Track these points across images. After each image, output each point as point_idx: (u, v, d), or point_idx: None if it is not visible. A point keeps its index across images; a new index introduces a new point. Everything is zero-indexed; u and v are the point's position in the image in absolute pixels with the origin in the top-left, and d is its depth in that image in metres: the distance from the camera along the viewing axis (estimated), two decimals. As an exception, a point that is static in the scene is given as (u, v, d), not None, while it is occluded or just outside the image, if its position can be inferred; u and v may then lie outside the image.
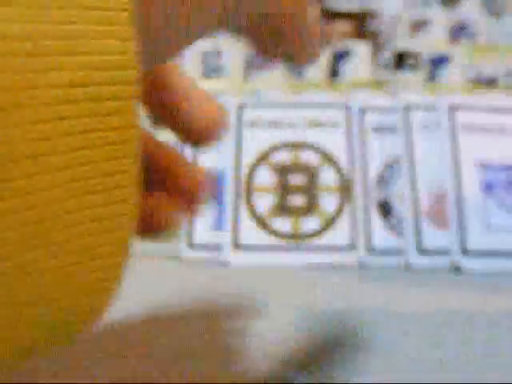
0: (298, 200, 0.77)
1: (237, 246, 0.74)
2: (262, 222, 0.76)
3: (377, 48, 1.08)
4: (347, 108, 0.81)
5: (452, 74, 1.02)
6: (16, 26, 0.12)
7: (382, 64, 1.05)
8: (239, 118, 0.80)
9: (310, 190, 0.77)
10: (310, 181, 0.78)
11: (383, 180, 0.78)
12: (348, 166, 0.78)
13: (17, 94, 0.12)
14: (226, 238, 0.75)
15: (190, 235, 0.77)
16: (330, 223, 0.76)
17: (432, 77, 1.03)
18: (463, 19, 1.11)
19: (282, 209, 0.77)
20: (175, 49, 0.21)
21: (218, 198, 0.78)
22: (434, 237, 0.74)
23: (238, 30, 0.23)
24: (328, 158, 0.79)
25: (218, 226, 0.78)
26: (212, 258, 0.76)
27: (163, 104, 0.28)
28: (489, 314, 0.49)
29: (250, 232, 0.75)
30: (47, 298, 0.17)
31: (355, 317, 0.48)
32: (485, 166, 0.76)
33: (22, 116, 0.12)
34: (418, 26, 1.11)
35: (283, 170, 0.78)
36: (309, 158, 0.79)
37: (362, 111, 0.81)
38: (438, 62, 1.03)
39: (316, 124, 0.81)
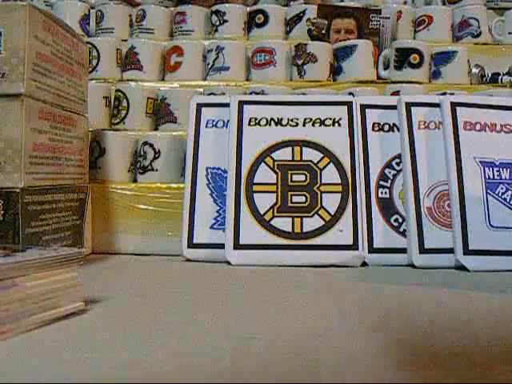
0: (299, 198, 0.77)
1: (237, 245, 0.74)
2: (262, 221, 0.76)
3: (379, 45, 1.08)
4: (349, 105, 0.81)
5: (455, 72, 1.01)
6: None
7: (385, 61, 1.05)
8: (240, 115, 0.80)
9: (312, 188, 0.77)
10: (312, 179, 0.77)
11: (385, 178, 0.78)
12: (350, 163, 0.78)
13: None
14: (226, 237, 0.75)
15: (191, 235, 0.77)
16: (331, 222, 0.75)
17: (434, 74, 1.03)
18: (466, 17, 1.11)
19: (283, 207, 0.76)
20: None
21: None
22: (436, 236, 0.73)
23: None
24: (329, 156, 0.78)
25: (219, 225, 0.77)
26: (213, 257, 0.76)
27: None
28: (489, 312, 0.49)
29: (251, 231, 0.75)
30: None
31: (357, 315, 0.48)
32: (487, 164, 0.75)
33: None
34: (421, 23, 1.11)
35: (284, 168, 0.78)
36: (310, 155, 0.78)
37: (364, 109, 0.81)
38: (441, 59, 1.02)
39: (317, 121, 0.80)
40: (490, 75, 1.03)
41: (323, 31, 1.08)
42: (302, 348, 0.39)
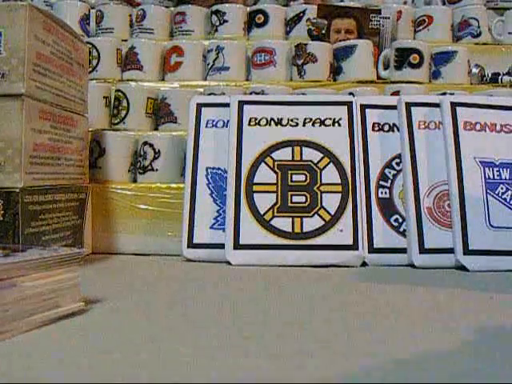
0: (299, 198, 0.77)
1: (237, 245, 0.74)
2: (262, 221, 0.75)
3: (379, 45, 1.07)
4: (349, 105, 0.81)
5: (455, 72, 1.01)
6: None
7: (385, 61, 1.05)
8: (240, 115, 0.80)
9: (312, 188, 0.77)
10: (312, 179, 0.77)
11: (385, 178, 0.78)
12: (350, 163, 0.78)
13: None
14: (226, 237, 0.75)
15: (191, 235, 0.77)
16: (331, 222, 0.75)
17: (434, 74, 1.03)
18: (467, 17, 1.10)
19: (283, 207, 0.76)
20: None
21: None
22: (436, 236, 0.73)
23: None
24: (329, 156, 0.78)
25: (219, 225, 0.77)
26: (213, 257, 0.76)
27: None
28: (490, 312, 0.49)
29: (251, 231, 0.75)
30: None
31: (357, 315, 0.48)
32: (487, 164, 0.75)
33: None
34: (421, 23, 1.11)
35: (284, 168, 0.78)
36: (310, 155, 0.78)
37: (364, 109, 0.81)
38: (441, 59, 1.02)
39: (317, 121, 0.80)
40: (489, 75, 1.03)
41: (323, 31, 1.08)
42: (302, 348, 0.39)
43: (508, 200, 0.74)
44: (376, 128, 0.80)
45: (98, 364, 0.35)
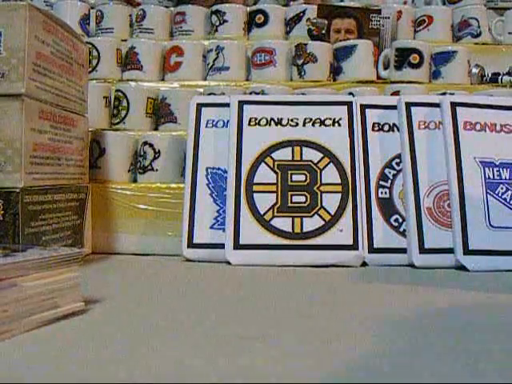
0: (299, 198, 0.77)
1: (237, 245, 0.74)
2: (262, 221, 0.75)
3: (379, 45, 1.07)
4: (349, 105, 0.81)
5: (455, 72, 1.01)
6: None
7: (385, 61, 1.04)
8: (240, 115, 0.80)
9: (312, 188, 0.77)
10: (312, 179, 0.77)
11: (385, 178, 0.78)
12: (350, 163, 0.78)
13: None
14: (226, 237, 0.75)
15: (191, 235, 0.77)
16: (331, 222, 0.75)
17: (434, 74, 1.03)
18: (467, 17, 1.10)
19: (283, 207, 0.76)
20: None
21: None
22: (436, 236, 0.73)
23: None
24: (330, 156, 0.78)
25: (219, 225, 0.77)
26: (213, 257, 0.76)
27: None
28: (489, 312, 0.49)
29: (251, 231, 0.75)
30: None
31: (357, 316, 0.48)
32: (487, 164, 0.75)
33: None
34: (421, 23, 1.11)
35: (284, 168, 0.78)
36: (310, 155, 0.78)
37: (364, 109, 0.81)
38: (441, 59, 1.02)
39: (317, 121, 0.80)
40: (489, 75, 1.03)
41: (323, 31, 1.08)
42: (302, 347, 0.39)
43: (508, 200, 0.74)
44: (376, 128, 0.80)
45: (98, 364, 0.35)
